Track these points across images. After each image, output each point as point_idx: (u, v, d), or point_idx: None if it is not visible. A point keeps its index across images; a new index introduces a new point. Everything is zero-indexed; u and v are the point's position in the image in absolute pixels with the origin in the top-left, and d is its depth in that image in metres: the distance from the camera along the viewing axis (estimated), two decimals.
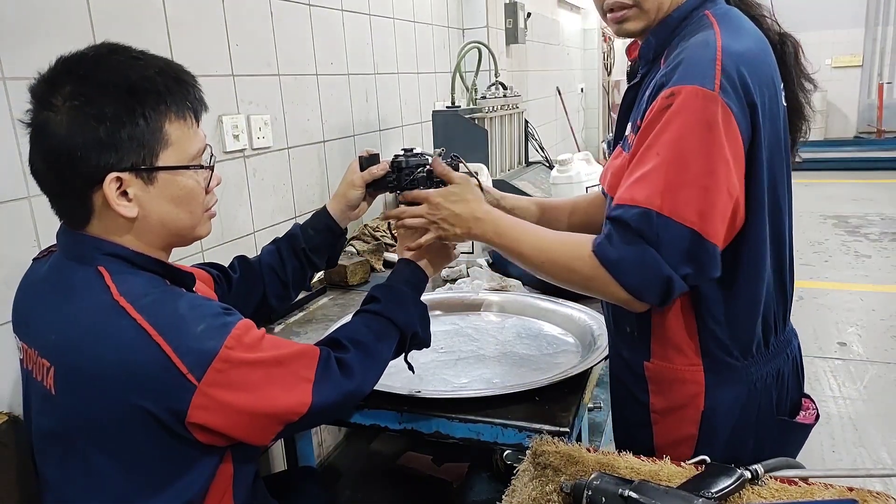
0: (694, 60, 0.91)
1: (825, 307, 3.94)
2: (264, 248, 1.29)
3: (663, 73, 0.94)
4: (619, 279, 0.93)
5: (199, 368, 0.80)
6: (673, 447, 1.06)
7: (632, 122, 1.05)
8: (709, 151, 0.88)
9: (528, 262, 1.06)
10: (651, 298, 0.94)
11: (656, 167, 0.90)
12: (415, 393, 1.16)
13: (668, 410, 1.08)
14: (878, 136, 9.23)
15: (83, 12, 1.34)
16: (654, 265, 0.90)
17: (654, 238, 0.90)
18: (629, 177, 0.94)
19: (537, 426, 1.08)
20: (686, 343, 1.04)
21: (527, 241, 1.05)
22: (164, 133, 0.86)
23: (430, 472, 1.97)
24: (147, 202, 0.86)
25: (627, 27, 1.05)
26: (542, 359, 1.36)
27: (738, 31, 0.96)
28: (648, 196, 0.90)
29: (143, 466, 0.84)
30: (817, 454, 2.51)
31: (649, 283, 0.92)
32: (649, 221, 0.89)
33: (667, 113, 0.90)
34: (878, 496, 0.80)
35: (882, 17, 9.44)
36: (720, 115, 0.88)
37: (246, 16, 1.80)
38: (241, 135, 1.77)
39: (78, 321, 0.83)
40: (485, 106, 2.60)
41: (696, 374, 1.04)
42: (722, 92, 0.88)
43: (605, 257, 0.94)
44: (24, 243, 1.23)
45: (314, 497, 1.37)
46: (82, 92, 0.81)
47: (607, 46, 7.47)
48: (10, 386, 1.22)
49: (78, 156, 0.81)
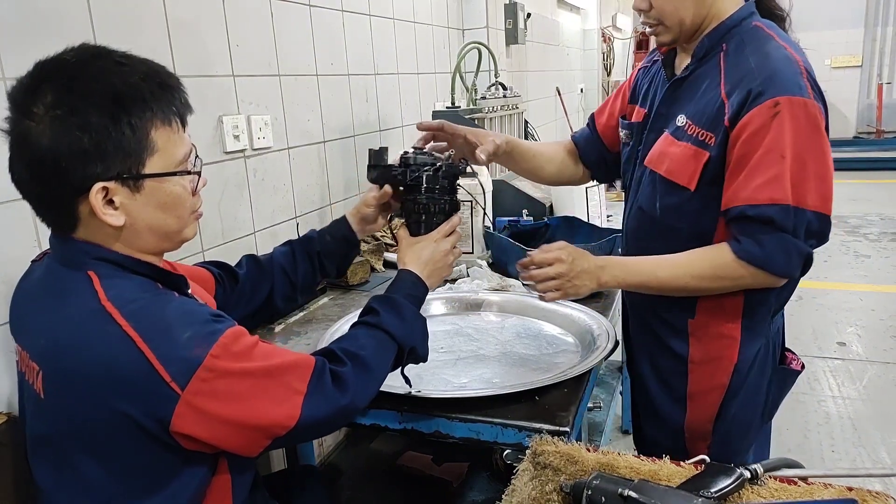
0: (787, 74, 1.07)
1: (825, 307, 3.94)
2: (277, 248, 1.28)
3: (746, 81, 1.08)
4: (770, 270, 1.09)
5: (183, 377, 0.78)
6: (705, 394, 1.24)
7: (688, 114, 1.17)
8: (819, 147, 1.07)
9: (669, 285, 1.16)
10: (796, 273, 1.11)
11: (783, 169, 1.05)
12: (415, 393, 1.16)
13: (704, 361, 1.23)
14: (878, 137, 9.22)
15: (83, 12, 1.34)
16: (795, 247, 1.07)
17: (790, 226, 1.06)
18: (753, 178, 1.07)
19: (537, 426, 1.08)
20: (732, 303, 1.18)
21: (662, 269, 1.17)
22: (150, 140, 0.84)
23: (430, 471, 1.97)
24: (134, 210, 0.85)
25: (661, 40, 1.23)
26: (541, 359, 1.36)
27: (797, 46, 1.14)
28: (785, 194, 1.05)
29: (131, 472, 0.83)
30: (817, 454, 2.52)
31: (794, 263, 1.09)
32: (787, 214, 1.06)
33: (778, 119, 1.05)
34: (877, 496, 0.80)
35: (882, 17, 9.43)
36: (818, 117, 1.07)
37: (246, 16, 1.80)
38: (241, 135, 1.77)
39: (65, 326, 0.82)
40: (485, 106, 2.60)
41: (735, 330, 1.20)
42: (816, 98, 1.07)
43: (753, 257, 1.09)
44: (23, 243, 1.23)
45: (316, 496, 1.37)
46: (65, 101, 0.79)
47: (607, 47, 7.47)
48: (11, 386, 1.22)
49: (63, 167, 0.79)
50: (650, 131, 1.27)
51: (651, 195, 1.24)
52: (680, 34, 1.20)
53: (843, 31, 9.45)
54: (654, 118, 1.27)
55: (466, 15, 3.42)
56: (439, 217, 1.19)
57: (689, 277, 1.14)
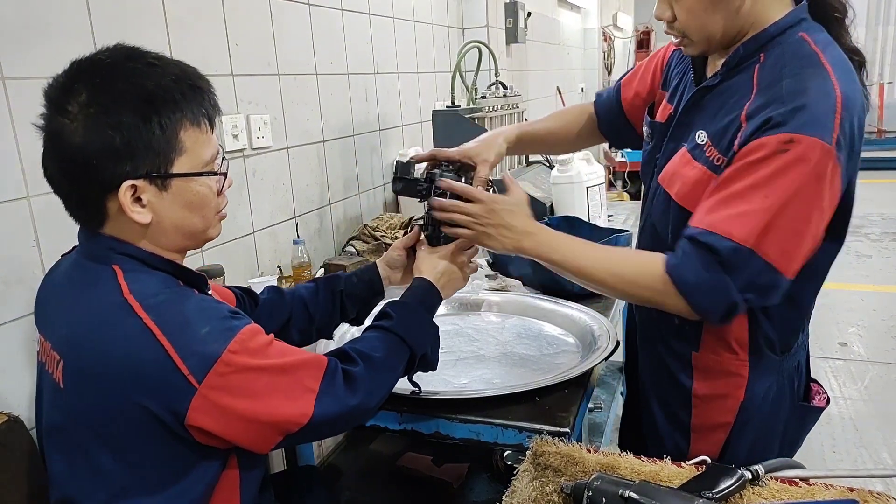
0: (817, 111, 0.92)
1: (826, 307, 3.93)
2: (302, 284, 1.29)
3: (772, 107, 0.95)
4: (690, 300, 0.99)
5: (201, 371, 0.80)
6: (709, 431, 1.15)
7: (708, 132, 1.05)
8: (811, 202, 0.94)
9: (587, 275, 1.07)
10: (712, 318, 1.00)
11: (761, 210, 0.93)
12: (415, 393, 1.16)
13: (709, 398, 1.14)
14: (879, 136, 9.22)
15: (83, 12, 1.34)
16: (726, 291, 0.96)
17: (734, 269, 0.95)
18: (723, 207, 0.96)
19: (537, 427, 1.08)
20: (738, 340, 1.10)
21: (588, 256, 1.08)
22: (178, 140, 0.86)
23: (430, 472, 1.97)
24: (161, 208, 0.87)
25: (688, 52, 1.10)
26: (542, 359, 1.36)
27: (848, 71, 0.97)
28: (746, 235, 0.94)
29: (143, 465, 0.84)
30: (818, 454, 2.51)
31: (717, 306, 0.98)
32: (736, 255, 0.94)
33: (782, 157, 0.92)
34: (878, 497, 0.80)
35: (882, 17, 9.44)
36: (830, 168, 0.92)
37: (246, 15, 1.80)
38: (240, 134, 1.76)
39: (88, 317, 0.84)
40: (485, 105, 2.60)
41: (742, 367, 1.11)
42: (837, 146, 0.92)
43: (682, 279, 0.99)
44: (24, 243, 1.23)
45: (317, 496, 1.37)
46: (98, 100, 0.81)
47: (607, 46, 7.47)
48: (10, 386, 1.22)
49: (93, 164, 0.82)
50: (670, 139, 1.16)
51: (663, 217, 1.14)
52: (709, 48, 1.06)
53: None
54: (676, 125, 1.14)
55: (466, 14, 3.41)
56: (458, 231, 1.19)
57: (607, 274, 1.05)
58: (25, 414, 1.19)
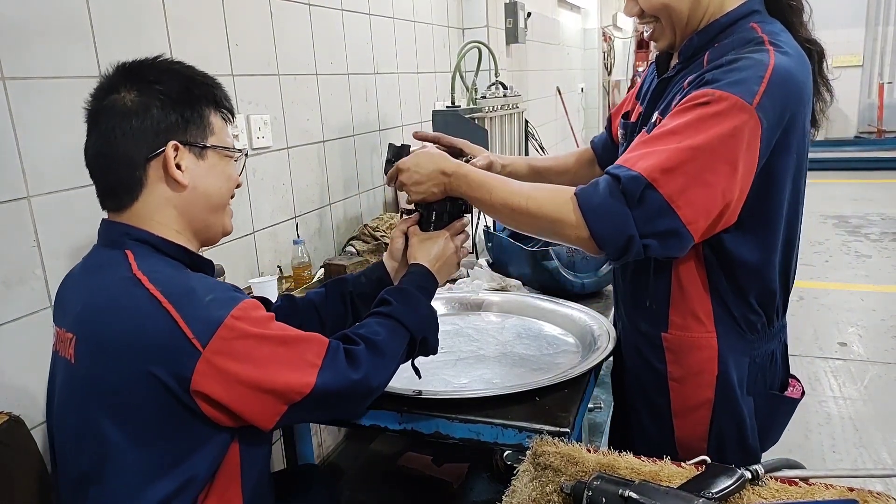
0: (746, 74, 0.96)
1: (825, 307, 3.94)
2: (311, 290, 1.29)
3: (710, 70, 1.00)
4: (590, 224, 1.00)
5: (205, 335, 0.83)
6: (692, 411, 1.16)
7: (660, 111, 1.11)
8: (721, 153, 0.95)
9: (504, 205, 1.10)
10: (609, 250, 1.01)
11: (670, 151, 0.96)
12: (415, 393, 1.16)
13: (684, 377, 1.16)
14: (879, 136, 9.22)
15: (83, 12, 1.34)
16: (624, 222, 0.98)
17: (633, 200, 0.97)
18: (642, 146, 1.00)
19: (537, 426, 1.08)
20: (703, 311, 1.13)
21: (504, 188, 1.11)
22: (210, 122, 0.98)
23: (430, 472, 1.97)
24: (197, 175, 0.96)
25: (660, 46, 1.16)
26: (542, 359, 1.36)
27: (795, 56, 1.01)
28: (650, 168, 0.96)
29: (151, 439, 0.86)
30: (818, 454, 2.51)
31: (614, 236, 0.99)
32: (636, 184, 0.96)
33: (702, 109, 0.96)
34: (878, 496, 0.80)
35: (882, 17, 9.44)
36: (748, 130, 0.95)
37: (246, 15, 1.80)
38: (240, 134, 1.77)
39: (100, 293, 0.89)
40: (485, 106, 2.60)
41: (710, 339, 1.13)
42: (759, 108, 0.94)
43: (586, 202, 1.01)
44: (24, 243, 1.23)
45: (317, 495, 1.37)
46: (145, 87, 0.93)
47: (607, 46, 7.48)
48: (11, 386, 1.22)
49: (143, 125, 0.92)
50: (638, 132, 1.19)
51: None
52: (676, 35, 1.12)
53: (843, 31, 9.45)
54: (643, 118, 1.20)
55: (466, 14, 3.42)
56: (450, 216, 1.23)
57: (523, 198, 1.08)
58: (26, 413, 1.19)
